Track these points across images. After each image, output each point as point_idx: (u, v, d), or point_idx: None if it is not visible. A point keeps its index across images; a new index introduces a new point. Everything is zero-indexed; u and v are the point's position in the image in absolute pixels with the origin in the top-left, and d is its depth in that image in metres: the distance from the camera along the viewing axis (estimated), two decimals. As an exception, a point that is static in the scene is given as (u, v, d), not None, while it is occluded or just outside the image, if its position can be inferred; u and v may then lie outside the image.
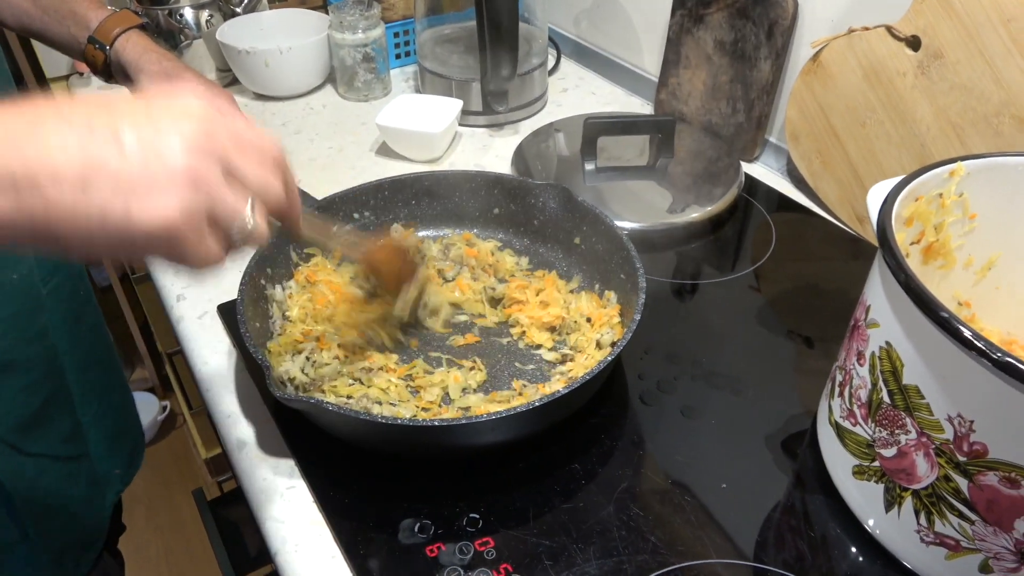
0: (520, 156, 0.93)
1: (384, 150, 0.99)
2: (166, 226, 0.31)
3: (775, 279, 0.77)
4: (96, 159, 0.30)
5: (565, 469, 0.57)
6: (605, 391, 0.63)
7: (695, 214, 0.82)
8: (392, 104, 0.97)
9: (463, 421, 0.51)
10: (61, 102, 0.32)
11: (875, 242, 0.46)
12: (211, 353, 0.68)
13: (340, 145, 1.01)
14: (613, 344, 0.63)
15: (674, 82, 1.01)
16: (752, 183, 0.91)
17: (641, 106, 1.11)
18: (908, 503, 0.47)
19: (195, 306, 0.74)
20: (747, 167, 0.93)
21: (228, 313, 0.71)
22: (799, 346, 0.69)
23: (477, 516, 0.53)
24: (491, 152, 1.00)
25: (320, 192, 0.80)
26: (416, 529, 0.53)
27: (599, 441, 0.59)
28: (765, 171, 0.95)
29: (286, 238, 0.68)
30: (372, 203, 0.74)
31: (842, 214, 0.84)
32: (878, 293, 0.47)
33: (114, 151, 0.30)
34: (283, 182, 0.37)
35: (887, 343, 0.46)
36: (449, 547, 0.51)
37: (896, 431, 0.46)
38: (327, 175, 0.94)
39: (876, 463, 0.49)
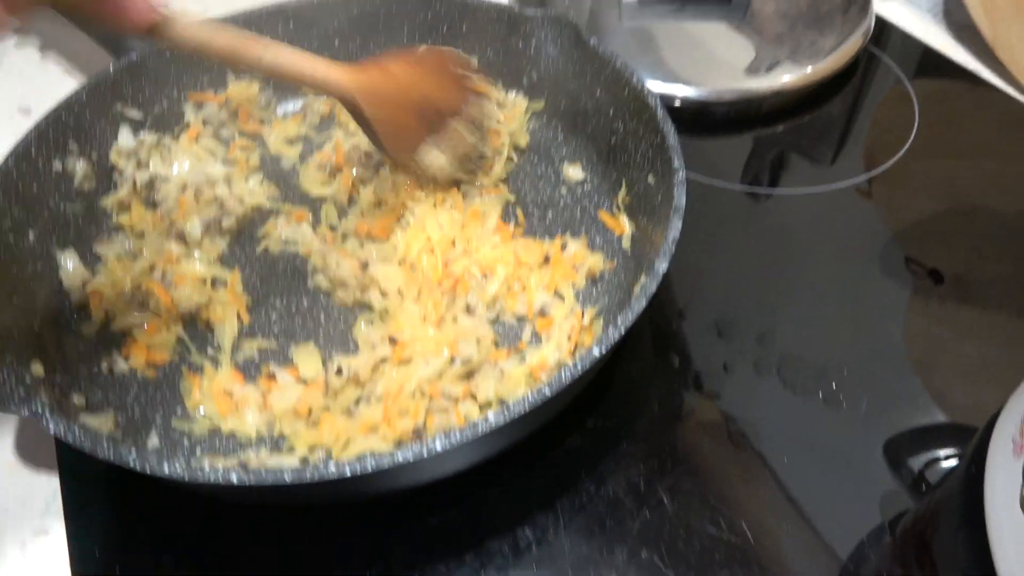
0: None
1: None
2: None
3: (910, 189, 0.55)
4: None
5: (527, 521, 0.34)
6: (602, 388, 0.41)
7: (787, 77, 0.61)
8: None
9: (386, 460, 0.29)
10: None
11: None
12: None
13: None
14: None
15: None
16: (884, 29, 0.71)
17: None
18: None
19: None
20: (879, 5, 0.72)
21: None
22: (945, 304, 0.46)
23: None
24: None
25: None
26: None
27: (581, 483, 0.36)
28: (907, 10, 0.74)
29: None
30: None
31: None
32: None
33: None
34: None
35: None
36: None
37: None
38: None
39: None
